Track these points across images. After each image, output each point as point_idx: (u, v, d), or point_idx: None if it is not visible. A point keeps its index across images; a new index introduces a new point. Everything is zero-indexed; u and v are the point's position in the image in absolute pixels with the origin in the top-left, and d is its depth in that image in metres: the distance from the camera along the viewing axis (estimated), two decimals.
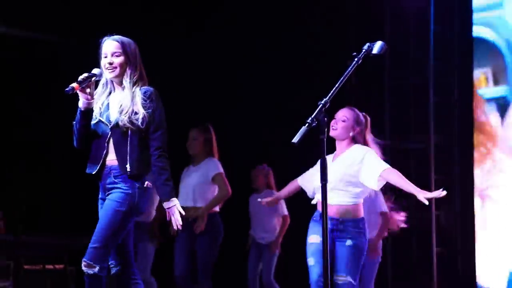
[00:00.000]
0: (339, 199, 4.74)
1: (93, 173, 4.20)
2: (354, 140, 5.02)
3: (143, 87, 4.15)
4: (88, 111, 4.14)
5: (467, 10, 9.20)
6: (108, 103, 4.17)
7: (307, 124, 3.42)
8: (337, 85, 3.55)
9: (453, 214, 8.94)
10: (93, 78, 4.10)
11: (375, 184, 4.73)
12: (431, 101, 8.99)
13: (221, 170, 6.42)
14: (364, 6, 9.26)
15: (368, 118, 5.09)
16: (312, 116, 3.41)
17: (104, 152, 4.20)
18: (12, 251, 7.88)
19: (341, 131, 5.02)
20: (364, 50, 3.71)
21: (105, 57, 4.12)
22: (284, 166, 7.93)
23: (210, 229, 6.40)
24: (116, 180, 4.20)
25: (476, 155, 8.80)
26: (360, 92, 8.50)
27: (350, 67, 3.66)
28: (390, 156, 6.66)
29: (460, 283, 8.80)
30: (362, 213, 4.90)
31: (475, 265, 8.60)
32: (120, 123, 4.07)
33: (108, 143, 4.18)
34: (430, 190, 5.73)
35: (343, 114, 5.04)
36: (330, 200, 4.02)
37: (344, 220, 4.74)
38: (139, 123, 4.08)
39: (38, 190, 9.25)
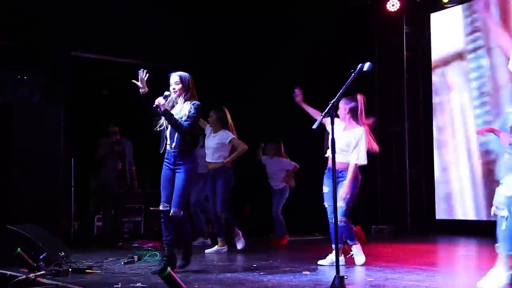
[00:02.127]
0: (341, 158, 4.66)
1: (160, 152, 4.76)
2: (358, 122, 4.84)
3: (194, 102, 4.55)
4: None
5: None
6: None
7: (322, 116, 3.48)
8: (342, 90, 3.61)
9: (420, 172, 8.82)
10: (168, 98, 4.59)
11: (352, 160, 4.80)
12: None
13: (233, 136, 6.21)
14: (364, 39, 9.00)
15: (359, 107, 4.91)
16: (325, 110, 3.49)
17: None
18: (142, 198, 7.89)
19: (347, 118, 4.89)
20: (358, 68, 3.72)
21: (171, 85, 4.59)
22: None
23: (225, 176, 6.17)
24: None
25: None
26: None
27: (350, 79, 3.68)
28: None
29: (425, 218, 8.67)
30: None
31: (435, 206, 8.49)
32: None
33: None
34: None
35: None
36: (337, 159, 4.13)
37: (343, 171, 4.69)
38: None
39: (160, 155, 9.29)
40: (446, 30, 8.70)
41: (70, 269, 4.27)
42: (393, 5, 8.73)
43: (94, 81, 9.15)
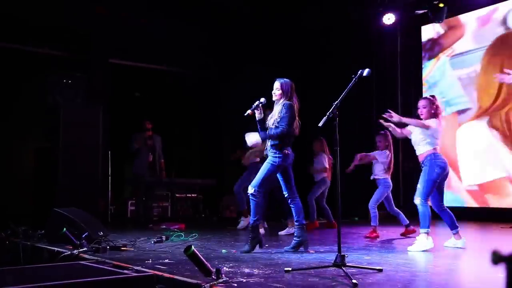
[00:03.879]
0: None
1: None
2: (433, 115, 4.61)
3: (284, 102, 4.47)
4: (261, 119, 4.54)
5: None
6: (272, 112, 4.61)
7: (327, 116, 3.44)
8: (344, 93, 3.56)
9: (411, 165, 8.61)
10: (260, 104, 4.51)
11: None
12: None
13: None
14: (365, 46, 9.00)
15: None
16: (330, 110, 3.46)
17: None
18: (169, 186, 7.95)
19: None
20: (358, 73, 3.65)
21: (274, 89, 4.54)
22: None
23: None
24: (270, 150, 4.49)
25: None
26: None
27: (351, 83, 3.62)
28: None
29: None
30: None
31: None
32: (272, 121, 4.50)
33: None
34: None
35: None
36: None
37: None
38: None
39: (184, 153, 9.22)
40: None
41: (107, 247, 4.30)
42: (388, 18, 8.80)
43: (129, 84, 9.25)
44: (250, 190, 4.40)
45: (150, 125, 7.68)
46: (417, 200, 4.45)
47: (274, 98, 4.53)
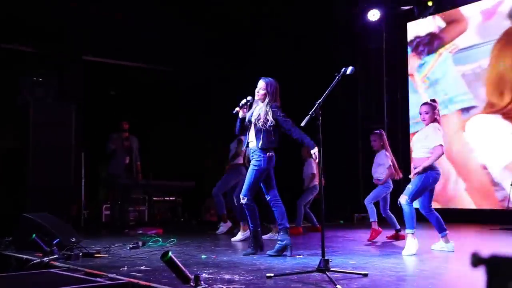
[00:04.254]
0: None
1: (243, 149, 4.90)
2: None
3: (272, 104, 4.48)
4: (243, 118, 4.61)
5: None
6: (253, 112, 4.61)
7: (309, 115, 3.44)
8: (327, 91, 3.56)
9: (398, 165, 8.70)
10: (248, 102, 4.62)
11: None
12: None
13: None
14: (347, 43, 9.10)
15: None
16: (312, 109, 3.47)
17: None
18: (146, 189, 7.92)
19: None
20: (342, 71, 3.66)
21: (257, 88, 4.54)
22: None
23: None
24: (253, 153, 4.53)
25: None
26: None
27: (334, 81, 3.63)
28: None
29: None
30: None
31: None
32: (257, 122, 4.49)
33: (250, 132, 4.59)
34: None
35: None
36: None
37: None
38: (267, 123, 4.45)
39: (161, 150, 9.11)
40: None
41: (80, 254, 4.23)
42: (373, 15, 8.87)
43: (104, 82, 9.15)
44: (243, 200, 4.46)
45: (127, 125, 7.64)
46: (403, 199, 4.49)
47: (257, 98, 4.54)
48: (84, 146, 7.75)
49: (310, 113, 3.50)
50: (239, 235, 5.89)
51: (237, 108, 4.60)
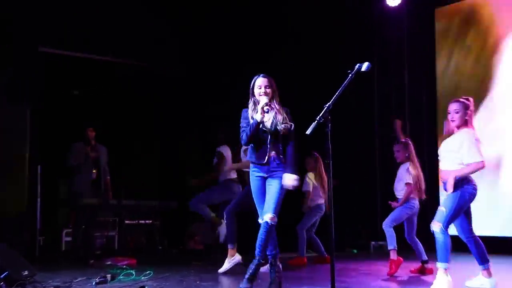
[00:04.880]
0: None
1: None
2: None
3: (285, 108, 4.52)
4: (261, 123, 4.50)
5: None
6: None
7: (316, 121, 3.41)
8: (337, 93, 3.54)
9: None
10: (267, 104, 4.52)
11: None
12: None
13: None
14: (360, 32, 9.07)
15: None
16: (320, 115, 3.44)
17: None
18: (117, 211, 7.86)
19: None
20: (356, 68, 3.63)
21: (260, 87, 4.48)
22: None
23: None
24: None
25: None
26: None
27: (346, 81, 3.63)
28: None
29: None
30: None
31: None
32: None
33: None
34: None
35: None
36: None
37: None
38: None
39: (136, 168, 9.10)
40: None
41: None
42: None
43: (65, 80, 9.08)
44: (271, 221, 4.33)
45: (93, 132, 7.55)
46: (436, 227, 4.36)
47: (265, 98, 4.42)
48: (41, 158, 7.68)
49: (317, 119, 3.50)
50: (226, 264, 5.89)
51: (259, 113, 4.39)
